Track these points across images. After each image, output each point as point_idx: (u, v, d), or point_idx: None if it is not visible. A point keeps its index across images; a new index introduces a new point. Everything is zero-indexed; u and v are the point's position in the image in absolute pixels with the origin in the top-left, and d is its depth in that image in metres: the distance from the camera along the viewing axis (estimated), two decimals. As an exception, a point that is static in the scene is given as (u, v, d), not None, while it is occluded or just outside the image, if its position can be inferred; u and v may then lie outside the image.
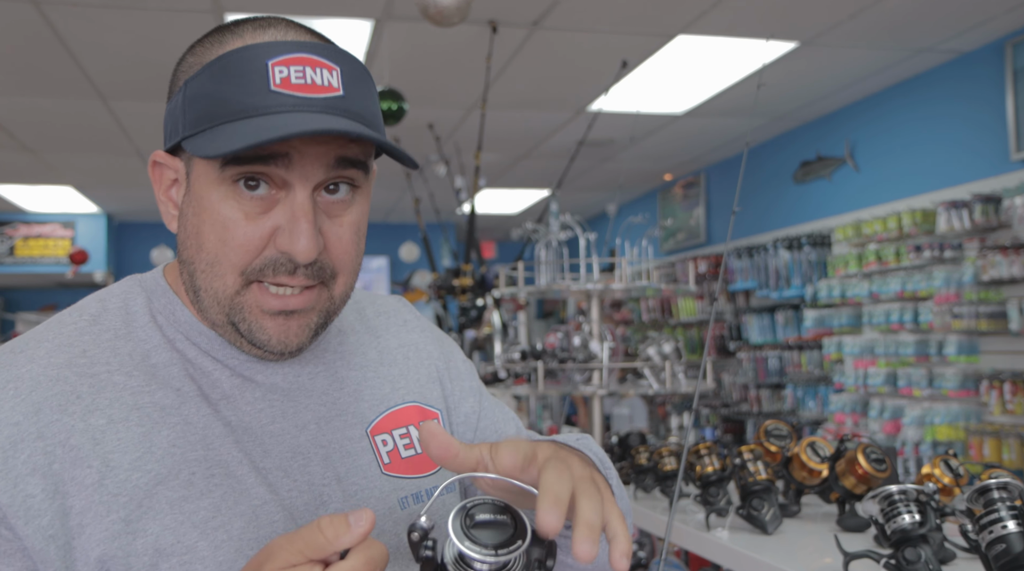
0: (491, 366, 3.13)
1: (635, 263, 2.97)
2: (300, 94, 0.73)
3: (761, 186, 6.38)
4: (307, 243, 0.74)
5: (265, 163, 0.73)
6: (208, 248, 0.77)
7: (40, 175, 6.98)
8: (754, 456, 1.79)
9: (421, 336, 0.98)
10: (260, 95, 0.72)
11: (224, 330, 0.80)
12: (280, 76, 0.73)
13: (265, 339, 0.78)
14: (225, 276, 0.77)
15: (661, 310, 7.64)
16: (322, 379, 0.86)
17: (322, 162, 0.75)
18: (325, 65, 0.74)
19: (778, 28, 4.12)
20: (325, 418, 0.84)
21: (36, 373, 0.74)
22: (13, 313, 9.28)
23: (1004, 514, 1.23)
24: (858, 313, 5.07)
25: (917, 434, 4.50)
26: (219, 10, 3.78)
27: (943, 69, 4.70)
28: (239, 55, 0.73)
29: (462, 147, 5.92)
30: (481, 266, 5.28)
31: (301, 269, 0.76)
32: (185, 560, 0.72)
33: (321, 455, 0.82)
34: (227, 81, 0.73)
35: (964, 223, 4.22)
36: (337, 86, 0.75)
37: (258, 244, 0.76)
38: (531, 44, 4.26)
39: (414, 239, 8.91)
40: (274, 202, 0.76)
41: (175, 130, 0.77)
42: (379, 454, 0.86)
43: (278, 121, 0.71)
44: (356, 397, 0.88)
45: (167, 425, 0.75)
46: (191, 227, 0.78)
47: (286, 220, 0.75)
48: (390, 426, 0.88)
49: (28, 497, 0.69)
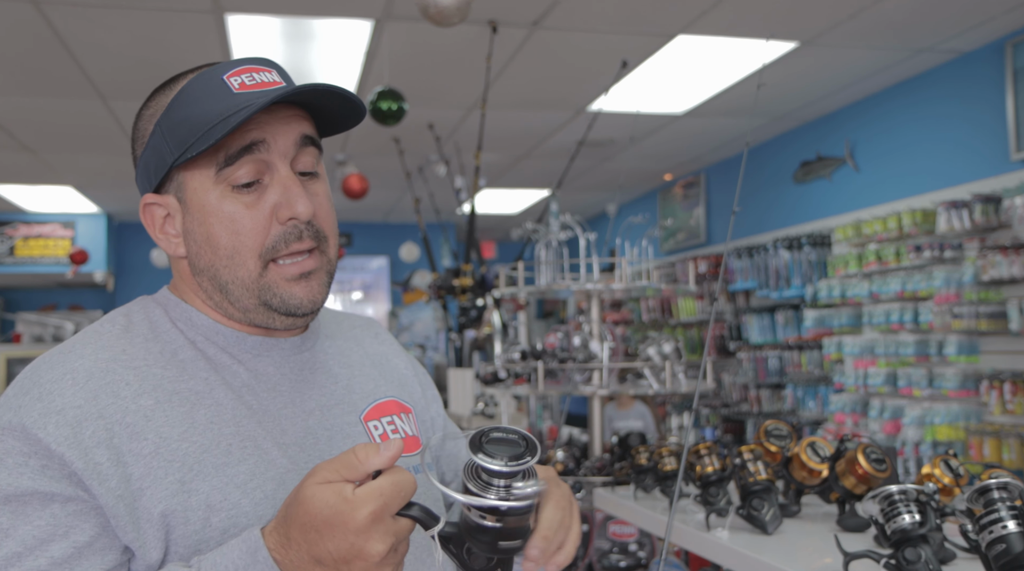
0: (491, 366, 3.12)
1: (635, 263, 2.97)
2: (258, 90, 0.90)
3: (761, 186, 6.38)
4: (305, 202, 0.91)
5: (250, 151, 0.90)
6: (224, 244, 0.92)
7: (40, 175, 6.98)
8: (754, 456, 1.79)
9: (390, 348, 1.17)
10: (227, 100, 0.89)
11: (257, 313, 0.94)
12: (237, 83, 0.90)
13: (297, 303, 0.94)
14: (247, 262, 0.92)
15: (661, 310, 7.64)
16: (320, 374, 1.02)
17: (292, 140, 0.92)
18: (263, 69, 0.93)
19: (778, 28, 4.12)
20: (326, 406, 0.99)
21: (88, 366, 0.87)
22: (13, 313, 9.28)
23: (1004, 514, 1.22)
24: (858, 313, 5.07)
25: (917, 434, 4.50)
26: (219, 10, 3.78)
27: (943, 69, 4.70)
28: (197, 82, 0.90)
29: (462, 147, 5.91)
30: (481, 266, 5.28)
31: (305, 231, 0.93)
32: (232, 514, 0.86)
33: (327, 436, 0.97)
34: (195, 103, 0.89)
35: (964, 223, 4.22)
36: (280, 81, 0.93)
37: (265, 224, 0.91)
38: (531, 44, 4.26)
39: (414, 239, 8.91)
40: (264, 189, 0.92)
41: (161, 164, 0.92)
42: (372, 436, 1.01)
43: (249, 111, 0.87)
44: (348, 390, 1.03)
45: (203, 406, 0.90)
46: (200, 237, 0.93)
47: (279, 194, 0.91)
48: (378, 414, 1.04)
49: (98, 464, 0.81)
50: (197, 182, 0.92)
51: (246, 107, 0.87)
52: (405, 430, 1.06)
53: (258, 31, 4.09)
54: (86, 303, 9.56)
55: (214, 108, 0.88)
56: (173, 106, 0.91)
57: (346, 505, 0.73)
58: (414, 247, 8.22)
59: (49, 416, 0.82)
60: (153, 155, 0.93)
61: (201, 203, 0.92)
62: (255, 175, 0.91)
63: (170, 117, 0.90)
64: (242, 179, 0.90)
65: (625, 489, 2.41)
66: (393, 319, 9.55)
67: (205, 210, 0.91)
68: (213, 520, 0.85)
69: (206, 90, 0.90)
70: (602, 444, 2.98)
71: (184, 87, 0.91)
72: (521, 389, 2.92)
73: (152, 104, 0.95)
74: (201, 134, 0.88)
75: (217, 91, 0.89)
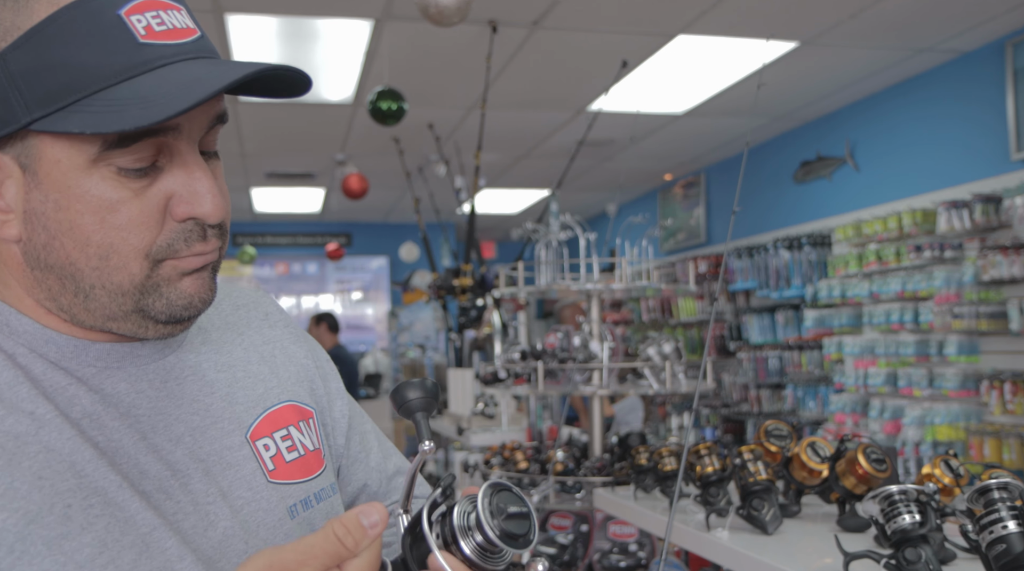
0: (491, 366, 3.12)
1: (635, 263, 2.96)
2: (171, 41, 0.65)
3: (761, 186, 6.38)
4: (215, 201, 0.69)
5: (154, 135, 0.65)
6: (95, 240, 0.66)
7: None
8: (754, 456, 1.79)
9: (284, 332, 0.92)
10: (131, 51, 0.63)
11: (123, 322, 0.70)
12: (142, 26, 0.64)
13: (185, 302, 0.71)
14: (128, 265, 0.68)
15: (661, 310, 7.64)
16: (191, 384, 0.77)
17: (206, 120, 0.70)
18: (172, 6, 0.67)
19: (778, 28, 4.12)
20: (200, 428, 0.76)
21: None
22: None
23: (1004, 514, 1.22)
24: (858, 313, 5.07)
25: (917, 434, 4.50)
26: (219, 10, 3.78)
27: (943, 69, 4.70)
28: (78, 11, 0.62)
29: (462, 147, 5.91)
30: (481, 266, 5.27)
31: (212, 231, 0.71)
32: None
33: (201, 469, 0.74)
34: (76, 43, 0.62)
35: (964, 223, 4.22)
36: (192, 27, 0.68)
37: (155, 218, 0.68)
38: (531, 44, 4.26)
39: (414, 239, 8.91)
40: (158, 173, 0.68)
41: (3, 117, 0.64)
42: (263, 461, 0.79)
43: (175, 74, 0.64)
44: (229, 401, 0.79)
45: (27, 456, 0.64)
46: (56, 225, 0.66)
47: (180, 185, 0.68)
48: (270, 429, 0.81)
49: None
50: (62, 154, 0.65)
51: (160, 67, 0.64)
52: (304, 444, 0.83)
53: (258, 31, 4.09)
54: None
55: (109, 60, 0.62)
56: (36, 39, 0.62)
57: None
58: (414, 247, 8.22)
59: None
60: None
61: (64, 182, 0.65)
62: (151, 159, 0.67)
63: (31, 54, 0.62)
64: (135, 164, 0.66)
65: (625, 489, 2.41)
66: (393, 319, 9.56)
67: (70, 192, 0.65)
68: None
69: (94, 28, 0.62)
70: (602, 444, 2.98)
71: (56, 15, 0.62)
72: (521, 389, 2.92)
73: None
74: (87, 95, 0.62)
75: (114, 34, 0.63)
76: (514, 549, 0.63)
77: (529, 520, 0.65)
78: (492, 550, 0.63)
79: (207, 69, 0.65)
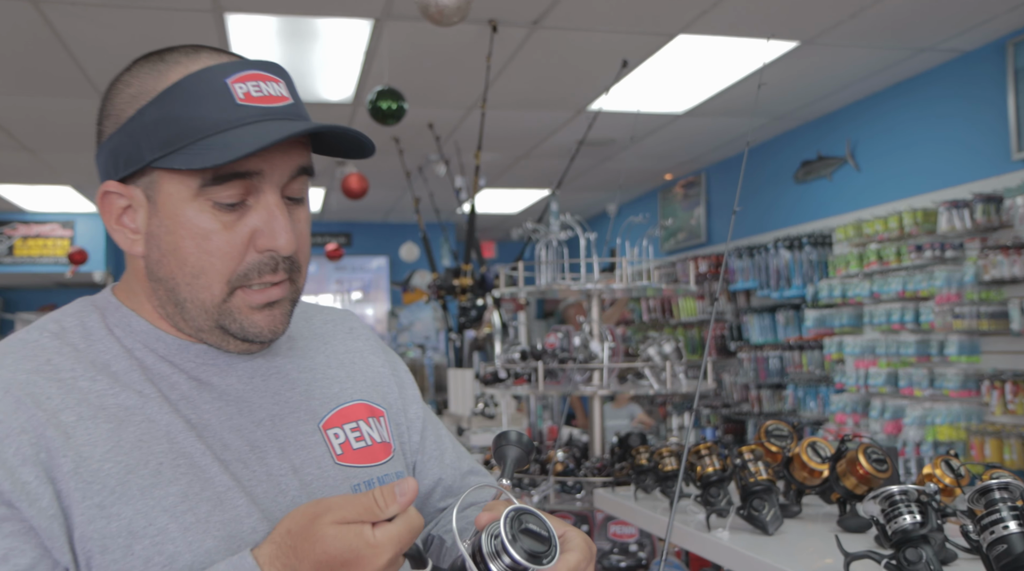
0: (491, 366, 3.12)
1: (635, 263, 2.96)
2: (263, 105, 0.83)
3: (762, 186, 6.37)
4: (288, 237, 0.85)
5: (243, 177, 0.83)
6: (191, 261, 0.84)
7: (39, 175, 6.98)
8: (755, 456, 1.79)
9: (365, 344, 1.09)
10: (230, 110, 0.81)
11: (210, 334, 0.88)
12: (242, 92, 0.83)
13: (257, 332, 0.88)
14: (212, 286, 0.85)
15: (661, 310, 7.63)
16: (274, 380, 0.94)
17: (288, 171, 0.86)
18: (271, 78, 0.85)
19: (779, 27, 4.12)
20: (279, 415, 0.92)
21: (7, 378, 0.80)
22: (12, 313, 9.28)
23: (1005, 514, 1.22)
24: (859, 313, 5.06)
25: (918, 434, 4.50)
26: (219, 9, 3.78)
27: (944, 68, 4.70)
28: (196, 79, 0.82)
29: (462, 147, 5.91)
30: (481, 266, 5.27)
31: (281, 265, 0.87)
32: (157, 541, 0.78)
33: (277, 448, 0.89)
34: (192, 103, 0.81)
35: (965, 223, 4.22)
36: (286, 95, 0.86)
37: (240, 249, 0.85)
38: (531, 44, 4.25)
39: (414, 239, 8.90)
40: (246, 210, 0.85)
41: (134, 157, 0.83)
42: (331, 446, 0.94)
43: (258, 130, 0.81)
44: (307, 396, 0.96)
45: (132, 423, 0.82)
46: (166, 245, 0.85)
47: (263, 222, 0.85)
48: (341, 421, 0.97)
49: (25, 484, 0.75)
50: (174, 188, 0.83)
51: (250, 124, 0.81)
52: (372, 436, 0.99)
53: (258, 31, 4.09)
54: (86, 303, 9.55)
55: (212, 116, 0.81)
56: (165, 99, 0.82)
57: (369, 550, 0.73)
58: (414, 247, 8.21)
59: None
60: (127, 143, 0.84)
61: (174, 211, 0.84)
62: (241, 197, 0.84)
63: (159, 109, 0.82)
64: (227, 200, 0.83)
65: (625, 489, 2.41)
66: (393, 319, 9.55)
67: (177, 220, 0.84)
68: (135, 548, 0.78)
69: (206, 92, 0.81)
70: (602, 444, 2.97)
71: (183, 81, 0.82)
72: (521, 389, 2.91)
73: (135, 83, 0.85)
74: (193, 142, 0.81)
75: (219, 96, 0.81)
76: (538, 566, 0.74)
77: (549, 536, 0.76)
78: (519, 569, 0.73)
79: (283, 126, 0.82)
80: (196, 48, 0.87)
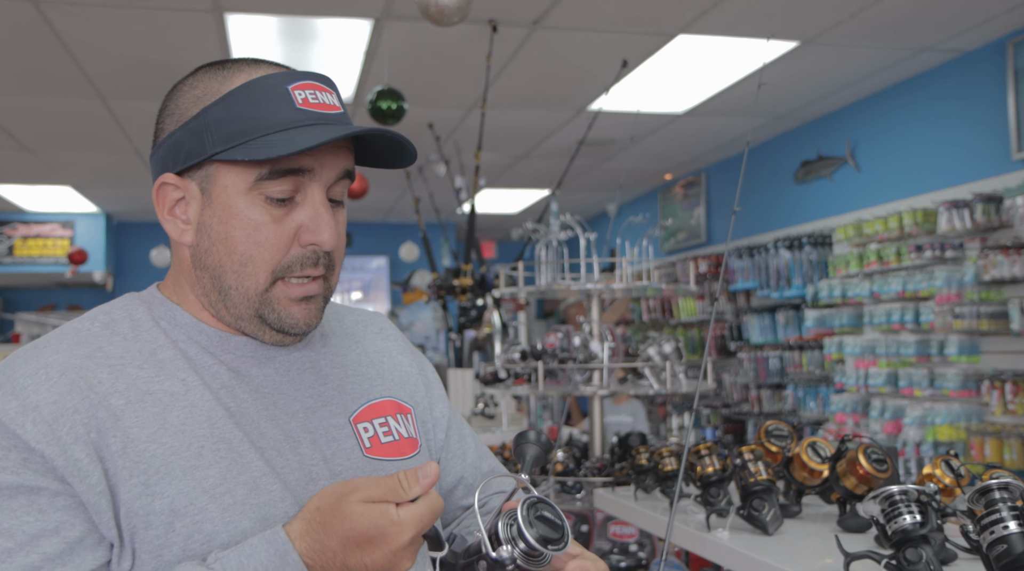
0: (491, 366, 3.12)
1: (635, 263, 2.96)
2: (320, 110, 0.91)
3: (762, 186, 6.37)
4: (331, 233, 0.92)
5: (296, 174, 0.90)
6: (240, 250, 0.91)
7: (39, 175, 6.97)
8: (755, 456, 1.79)
9: (395, 344, 1.15)
10: (290, 112, 0.89)
11: (249, 323, 0.94)
12: (301, 97, 0.91)
13: (293, 323, 0.94)
14: (257, 274, 0.92)
15: (661, 310, 7.63)
16: (309, 375, 1.00)
17: (335, 172, 0.93)
18: (326, 89, 0.94)
19: (779, 27, 4.12)
20: (312, 408, 0.98)
21: (62, 362, 0.86)
22: (12, 313, 9.28)
23: (1005, 514, 1.22)
24: (859, 313, 5.06)
25: (918, 434, 4.50)
26: (219, 9, 3.78)
27: (944, 68, 4.70)
28: (260, 84, 0.90)
29: (462, 147, 5.91)
30: (481, 266, 5.27)
31: (322, 259, 0.94)
32: (197, 519, 0.84)
33: (309, 439, 0.95)
34: (256, 105, 0.89)
35: (965, 223, 4.22)
36: (338, 105, 0.94)
37: (286, 242, 0.91)
38: (531, 44, 4.25)
39: (414, 239, 8.90)
40: (294, 206, 0.92)
41: (195, 151, 0.90)
42: (361, 439, 1.00)
43: (315, 131, 0.89)
44: (339, 391, 1.02)
45: (176, 408, 0.88)
46: (217, 234, 0.92)
47: (308, 218, 0.92)
48: (370, 416, 1.02)
49: (77, 460, 0.81)
50: (230, 181, 0.91)
51: (307, 126, 0.89)
52: (400, 432, 1.04)
53: (258, 31, 4.09)
54: (85, 303, 9.56)
55: (274, 117, 0.89)
56: (230, 99, 0.90)
57: (394, 527, 0.79)
58: (414, 247, 8.21)
59: (26, 413, 0.81)
60: (190, 139, 0.91)
61: (228, 203, 0.91)
62: (291, 193, 0.91)
63: (224, 108, 0.89)
64: (278, 194, 0.90)
65: (625, 489, 2.41)
66: (393, 319, 9.55)
67: (231, 211, 0.91)
68: (177, 525, 0.84)
69: (270, 95, 0.89)
70: (602, 444, 2.97)
71: (247, 84, 0.90)
72: (521, 389, 2.91)
73: (200, 86, 0.93)
74: (255, 138, 0.88)
75: (280, 100, 0.89)
76: (552, 551, 0.79)
77: (562, 525, 0.81)
78: (534, 554, 0.79)
79: (333, 129, 0.90)
80: (256, 60, 0.95)
